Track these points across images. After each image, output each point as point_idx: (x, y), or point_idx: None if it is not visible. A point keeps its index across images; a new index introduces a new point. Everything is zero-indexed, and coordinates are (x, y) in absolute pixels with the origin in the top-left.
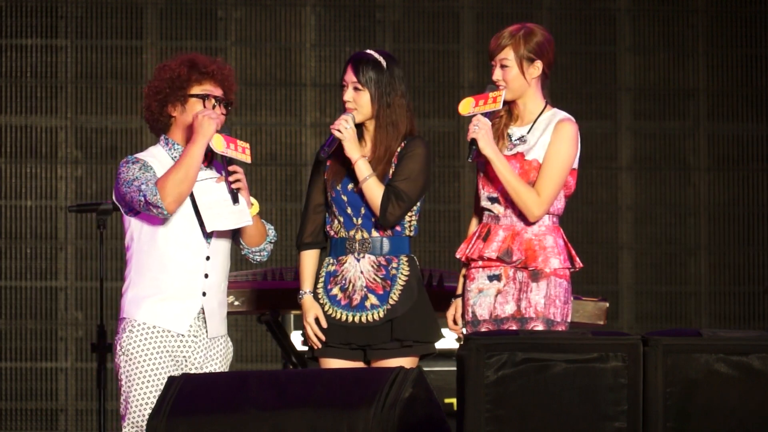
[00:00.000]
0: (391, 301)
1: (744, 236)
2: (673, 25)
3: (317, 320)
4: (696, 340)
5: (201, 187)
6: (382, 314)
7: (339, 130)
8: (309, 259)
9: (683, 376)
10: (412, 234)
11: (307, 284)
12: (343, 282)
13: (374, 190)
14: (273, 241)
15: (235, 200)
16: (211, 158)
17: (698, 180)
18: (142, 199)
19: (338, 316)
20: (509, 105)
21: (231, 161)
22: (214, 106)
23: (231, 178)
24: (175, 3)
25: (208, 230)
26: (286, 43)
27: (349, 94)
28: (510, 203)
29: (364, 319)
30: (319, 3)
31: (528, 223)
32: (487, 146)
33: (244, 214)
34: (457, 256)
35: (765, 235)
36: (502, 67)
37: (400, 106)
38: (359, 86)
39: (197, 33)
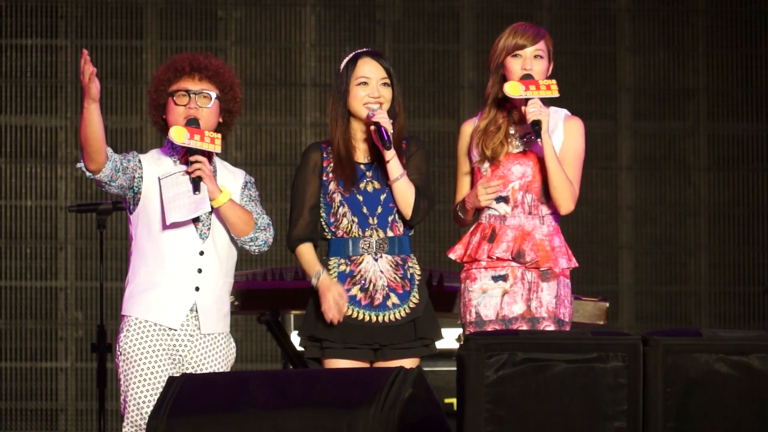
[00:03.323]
0: (414, 300)
1: (744, 236)
2: (673, 25)
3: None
4: (696, 340)
5: (168, 182)
6: (404, 313)
7: (385, 121)
8: (308, 248)
9: (683, 376)
10: (412, 234)
11: (317, 266)
12: (363, 282)
13: (407, 188)
14: (265, 227)
15: (196, 189)
16: (186, 154)
17: (698, 180)
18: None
19: (359, 316)
20: (512, 105)
21: (194, 152)
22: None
23: (190, 168)
24: (175, 3)
25: (168, 223)
26: (286, 43)
27: (379, 90)
28: (520, 202)
29: (386, 319)
30: (319, 3)
31: (537, 223)
32: (547, 132)
33: (202, 202)
34: (452, 256)
35: (765, 235)
36: (538, 57)
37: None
38: (388, 81)
39: (197, 33)
